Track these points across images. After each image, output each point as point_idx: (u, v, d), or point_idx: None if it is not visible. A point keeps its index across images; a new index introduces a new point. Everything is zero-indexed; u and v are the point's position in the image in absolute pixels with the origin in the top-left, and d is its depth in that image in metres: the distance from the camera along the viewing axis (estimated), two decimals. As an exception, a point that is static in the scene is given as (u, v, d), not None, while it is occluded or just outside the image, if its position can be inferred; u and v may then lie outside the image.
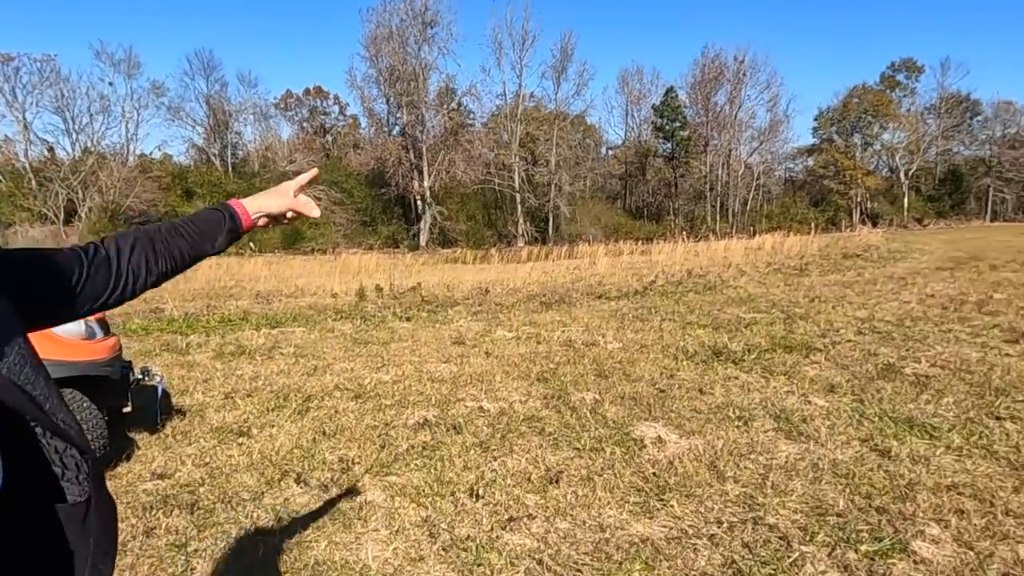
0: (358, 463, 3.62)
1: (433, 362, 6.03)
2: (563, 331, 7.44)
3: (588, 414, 4.32)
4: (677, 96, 54.26)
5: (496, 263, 26.84)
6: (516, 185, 48.91)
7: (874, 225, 54.45)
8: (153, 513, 3.05)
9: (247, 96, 62.14)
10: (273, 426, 4.30)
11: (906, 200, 56.46)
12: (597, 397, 4.64)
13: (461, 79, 58.45)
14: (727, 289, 11.32)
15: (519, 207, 49.20)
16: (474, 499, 3.15)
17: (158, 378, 4.09)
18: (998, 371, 5.22)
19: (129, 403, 3.81)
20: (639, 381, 5.07)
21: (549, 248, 34.98)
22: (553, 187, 49.95)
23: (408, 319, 8.82)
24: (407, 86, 45.34)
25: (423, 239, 48.30)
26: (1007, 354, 5.84)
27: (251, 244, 48.31)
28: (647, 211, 60.00)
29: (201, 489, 3.32)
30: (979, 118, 60.77)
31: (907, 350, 6.06)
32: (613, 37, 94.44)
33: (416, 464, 3.57)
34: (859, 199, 55.96)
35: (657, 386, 4.92)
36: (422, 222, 48.53)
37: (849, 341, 6.56)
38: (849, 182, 54.65)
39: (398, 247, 48.45)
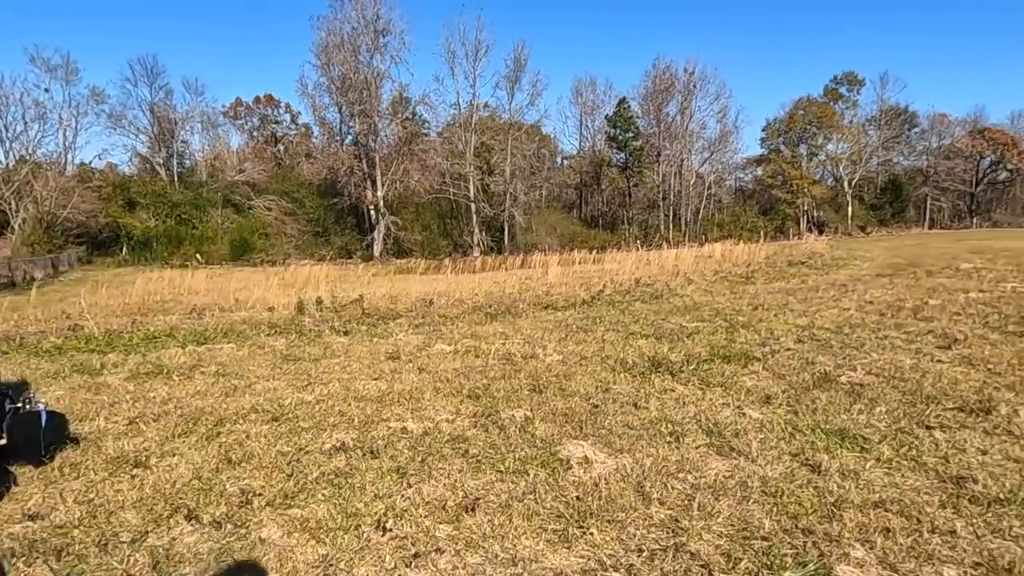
0: (260, 495, 3.33)
1: (363, 379, 5.74)
2: (503, 344, 7.24)
3: (516, 433, 4.11)
4: (630, 107, 55.09)
5: (448, 273, 26.55)
6: (471, 195, 48.73)
7: (820, 233, 56.14)
8: (12, 562, 2.70)
9: (194, 104, 60.53)
10: (175, 454, 3.96)
11: (850, 209, 58.41)
12: (528, 414, 4.44)
13: (414, 88, 58.12)
14: (674, 298, 11.30)
15: (474, 217, 49.01)
16: (381, 532, 2.90)
17: (40, 404, 3.71)
18: (930, 378, 5.22)
19: (4, 435, 3.44)
20: (573, 396, 4.89)
21: (503, 258, 34.91)
22: (508, 197, 49.94)
23: (346, 333, 8.49)
24: (359, 95, 44.78)
25: (377, 249, 47.63)
26: (939, 360, 5.87)
27: (197, 256, 47.00)
28: (602, 220, 60.55)
29: (76, 531, 2.98)
30: (916, 130, 63.44)
31: (844, 358, 6.04)
32: (567, 48, 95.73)
33: (323, 494, 3.30)
34: (806, 208, 57.62)
35: (591, 401, 4.75)
36: (376, 232, 47.84)
37: (788, 350, 6.53)
38: (796, 191, 56.24)
39: (351, 257, 47.65)
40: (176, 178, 55.21)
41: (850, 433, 3.94)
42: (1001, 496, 3.06)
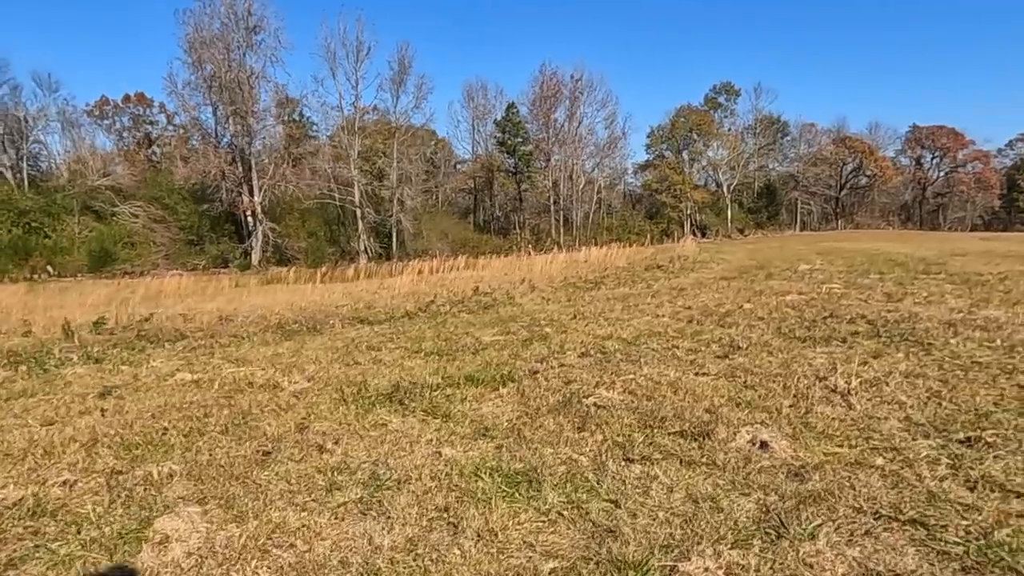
0: None
1: (34, 425, 4.73)
2: (257, 370, 6.39)
3: (121, 500, 3.30)
4: (518, 111, 55.23)
5: (318, 283, 25.21)
6: (356, 200, 47.12)
7: (703, 236, 58.56)
8: None
9: (46, 101, 55.16)
10: None
11: (729, 212, 61.24)
12: (173, 470, 3.63)
13: (293, 89, 55.42)
14: (503, 308, 10.81)
15: (360, 223, 47.42)
16: None
17: None
18: (679, 395, 4.86)
19: None
20: (252, 440, 4.13)
21: (381, 266, 33.75)
22: (395, 202, 48.67)
23: (98, 361, 7.34)
24: (231, 95, 42.20)
25: (255, 258, 45.06)
26: (704, 373, 5.56)
27: (49, 267, 42.71)
28: (495, 225, 60.41)
29: None
30: (788, 138, 67.55)
31: (612, 374, 5.63)
32: (457, 52, 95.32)
33: None
34: (689, 212, 59.89)
35: (268, 446, 4.01)
36: (253, 240, 45.26)
37: (563, 366, 6.07)
38: (679, 196, 58.32)
39: (227, 267, 44.83)
40: (26, 183, 50.07)
41: (534, 474, 3.41)
42: (636, 558, 2.58)
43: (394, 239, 49.86)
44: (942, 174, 63.21)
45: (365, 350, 7.31)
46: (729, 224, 60.73)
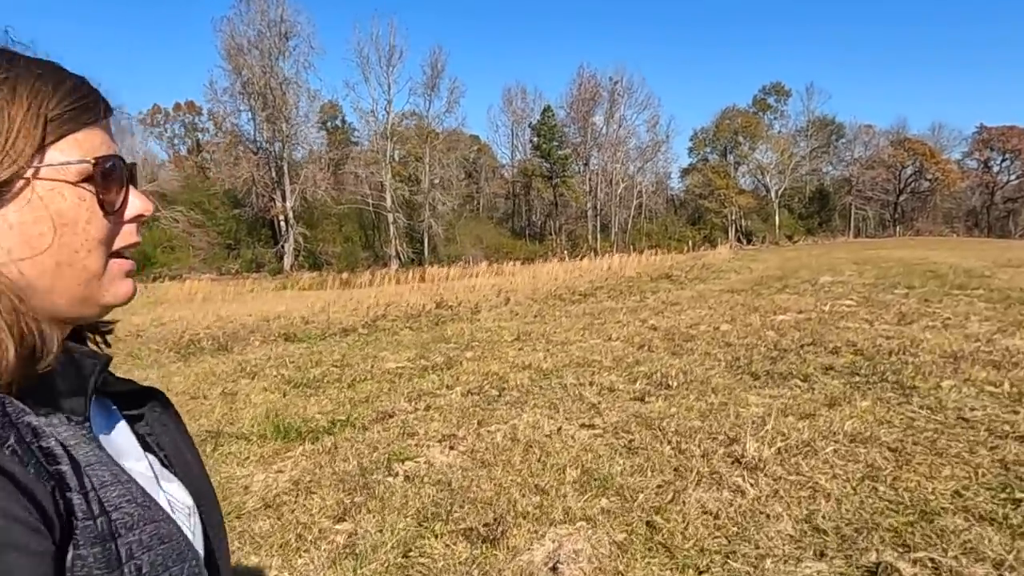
0: None
1: None
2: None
3: None
4: (554, 115, 54.03)
5: (327, 289, 24.68)
6: (388, 205, 46.81)
7: (748, 242, 55.98)
8: None
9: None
10: None
11: (777, 218, 58.40)
12: None
13: (325, 95, 55.67)
14: (456, 324, 9.70)
15: (391, 228, 47.08)
16: None
17: None
18: (528, 461, 3.66)
19: None
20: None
21: (397, 273, 33.05)
22: (427, 207, 48.17)
23: None
24: (265, 100, 42.54)
25: (287, 263, 45.26)
26: (591, 426, 4.33)
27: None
28: (531, 231, 59.34)
29: None
30: (842, 140, 64.09)
31: (477, 422, 4.47)
32: (496, 54, 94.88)
33: None
34: (733, 217, 57.39)
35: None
36: (286, 244, 45.48)
37: (431, 409, 4.93)
38: (724, 201, 55.94)
39: (260, 271, 45.21)
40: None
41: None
42: None
43: (426, 244, 49.38)
44: (1013, 178, 58.59)
45: (236, 378, 6.32)
46: (777, 230, 57.85)
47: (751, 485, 3.23)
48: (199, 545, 0.65)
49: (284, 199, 44.22)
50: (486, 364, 6.38)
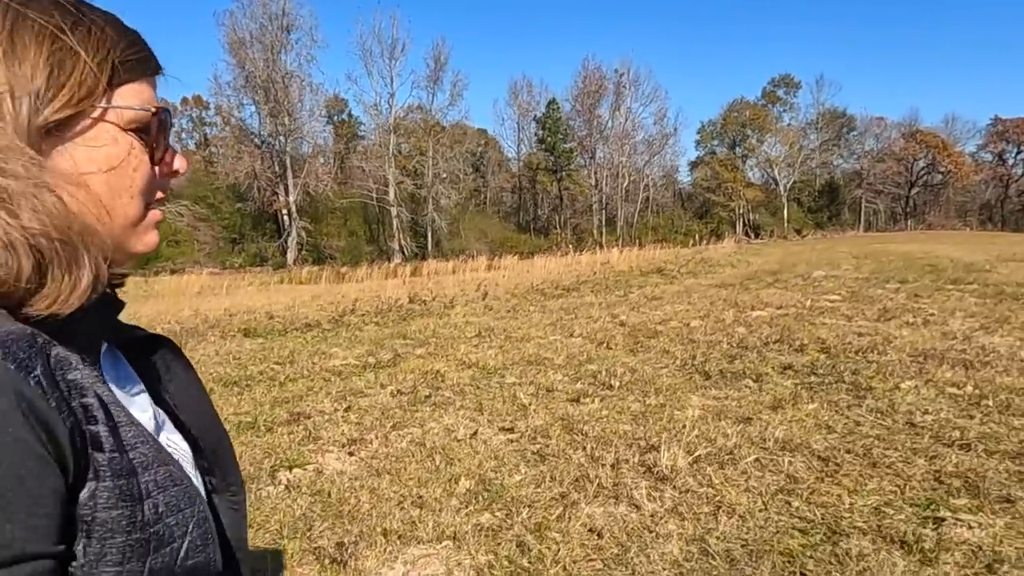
0: None
1: None
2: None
3: None
4: (559, 108, 53.55)
5: (323, 283, 24.54)
6: (391, 199, 46.61)
7: (756, 236, 55.32)
8: None
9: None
10: None
11: (785, 212, 57.63)
12: None
13: (328, 88, 55.34)
14: (424, 319, 9.44)
15: (394, 222, 46.89)
16: None
17: None
18: (420, 469, 3.40)
19: None
20: None
21: (394, 267, 32.86)
22: (430, 201, 47.94)
23: None
24: (267, 94, 42.43)
25: (290, 257, 45.20)
26: (508, 429, 4.05)
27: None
28: (536, 225, 58.97)
29: None
30: (853, 133, 63.10)
31: (393, 426, 4.21)
32: (502, 47, 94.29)
33: None
34: (741, 211, 56.71)
35: None
36: (289, 239, 45.43)
37: (350, 410, 4.67)
38: (731, 195, 55.27)
39: (263, 265, 45.19)
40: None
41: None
42: None
43: (429, 239, 49.17)
44: (1029, 170, 57.46)
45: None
46: (785, 224, 57.10)
47: (652, 499, 2.94)
48: (201, 490, 0.66)
49: (287, 193, 44.11)
50: (432, 362, 6.11)
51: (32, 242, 0.50)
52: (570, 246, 44.01)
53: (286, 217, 45.63)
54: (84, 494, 0.48)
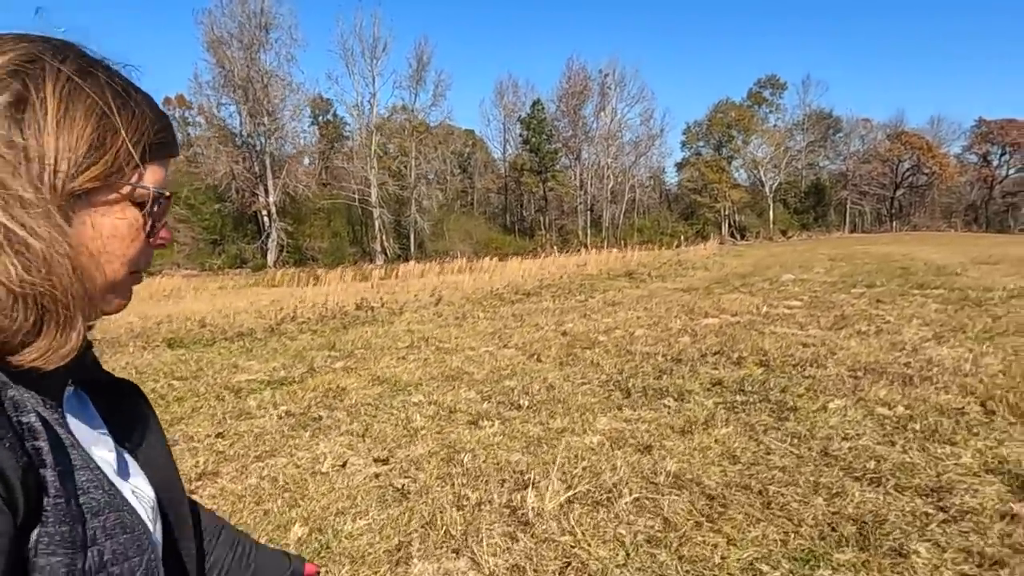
0: None
1: None
2: None
3: None
4: (543, 109, 53.17)
5: (296, 286, 24.05)
6: (373, 200, 46.09)
7: (742, 237, 55.18)
8: None
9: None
10: None
11: (771, 213, 57.49)
12: None
13: (309, 88, 54.63)
14: (364, 327, 9.02)
15: (376, 223, 46.37)
16: None
17: None
18: (249, 507, 2.98)
19: None
20: None
21: (368, 270, 32.33)
22: (413, 202, 47.46)
23: None
24: (247, 94, 41.83)
25: (270, 258, 44.59)
26: (381, 460, 3.65)
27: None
28: (522, 226, 58.59)
29: None
30: (840, 134, 63.06)
31: (258, 455, 3.80)
32: (488, 46, 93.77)
33: None
34: (727, 212, 56.51)
35: None
36: (269, 240, 44.82)
37: (246, 432, 4.26)
38: (716, 196, 55.06)
39: (243, 267, 44.56)
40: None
41: None
42: None
43: (412, 240, 48.70)
44: (1012, 172, 57.44)
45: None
46: (771, 225, 56.94)
47: (498, 553, 2.54)
48: (159, 538, 0.66)
49: (267, 194, 43.52)
50: (344, 377, 5.70)
51: (39, 299, 0.52)
52: (555, 248, 43.70)
53: (266, 218, 45.02)
54: (32, 536, 0.49)
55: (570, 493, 3.02)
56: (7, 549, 0.46)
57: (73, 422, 0.60)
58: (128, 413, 0.71)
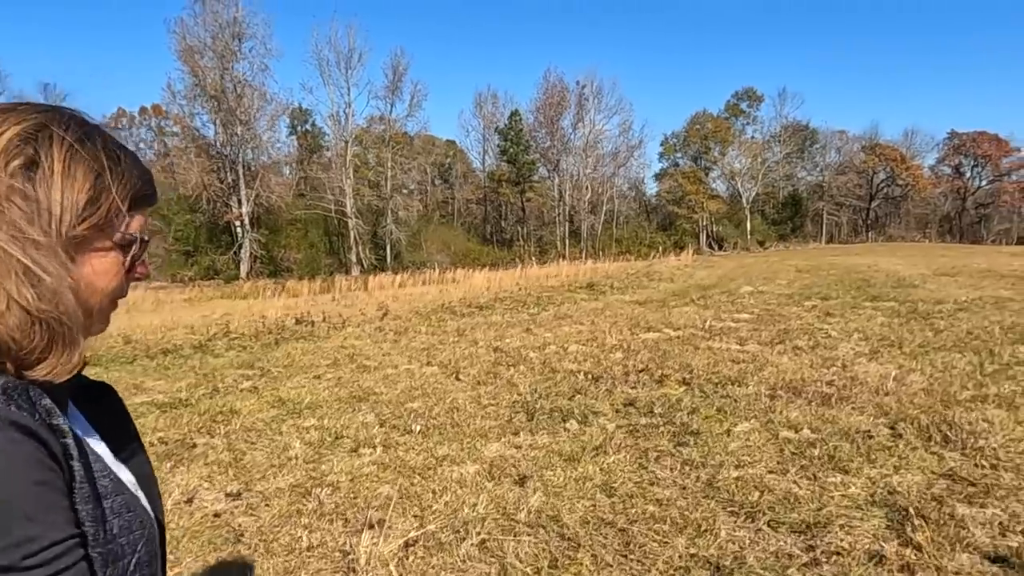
0: None
1: None
2: None
3: None
4: (521, 119, 53.16)
5: (252, 299, 23.59)
6: (348, 210, 45.69)
7: (720, 248, 55.36)
8: None
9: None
10: None
11: (748, 224, 57.72)
12: None
13: (283, 98, 54.23)
14: (297, 343, 8.71)
15: (352, 234, 45.94)
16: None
17: None
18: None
19: None
20: None
21: (334, 279, 31.92)
22: (389, 212, 47.12)
23: None
24: (220, 103, 41.36)
25: (243, 269, 43.97)
26: (231, 495, 3.36)
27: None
28: (500, 237, 58.39)
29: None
30: (816, 146, 63.64)
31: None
32: (467, 57, 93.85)
33: None
34: (704, 223, 56.71)
35: None
36: (242, 251, 44.22)
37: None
38: (694, 206, 55.26)
39: (215, 278, 43.88)
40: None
41: None
42: None
43: (388, 251, 48.30)
44: (984, 183, 58.24)
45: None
46: (748, 236, 57.18)
47: (302, 608, 2.26)
48: (153, 514, 0.77)
49: (240, 204, 42.98)
50: (243, 399, 5.40)
51: (50, 323, 0.61)
52: (533, 258, 43.51)
53: (238, 229, 44.44)
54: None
55: (413, 534, 2.75)
56: (66, 505, 0.60)
57: (74, 426, 0.68)
58: (107, 412, 0.81)
